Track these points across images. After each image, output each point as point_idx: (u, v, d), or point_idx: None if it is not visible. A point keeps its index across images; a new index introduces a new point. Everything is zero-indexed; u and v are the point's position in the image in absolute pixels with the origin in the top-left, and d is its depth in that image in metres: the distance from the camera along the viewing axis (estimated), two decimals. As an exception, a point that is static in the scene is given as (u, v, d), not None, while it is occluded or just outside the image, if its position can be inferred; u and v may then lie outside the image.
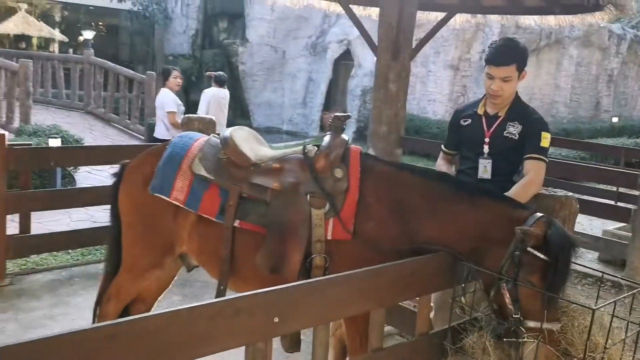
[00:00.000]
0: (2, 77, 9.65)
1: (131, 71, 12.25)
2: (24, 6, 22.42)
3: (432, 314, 2.82)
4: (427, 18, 7.05)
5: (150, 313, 1.54)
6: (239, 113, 15.57)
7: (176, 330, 1.57)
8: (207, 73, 8.01)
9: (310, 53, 14.95)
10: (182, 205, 2.57)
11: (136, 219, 2.71)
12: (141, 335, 1.50)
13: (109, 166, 8.35)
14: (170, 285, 3.08)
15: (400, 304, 2.75)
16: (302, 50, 15.09)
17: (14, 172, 4.76)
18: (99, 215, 6.50)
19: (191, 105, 10.26)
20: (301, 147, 2.65)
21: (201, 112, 7.71)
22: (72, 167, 7.74)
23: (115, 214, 2.83)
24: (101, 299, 2.87)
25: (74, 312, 3.99)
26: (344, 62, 14.69)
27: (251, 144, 2.67)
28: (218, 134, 2.85)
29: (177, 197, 2.56)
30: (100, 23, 22.11)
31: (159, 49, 18.57)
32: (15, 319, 3.81)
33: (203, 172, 2.57)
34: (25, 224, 4.66)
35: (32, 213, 4.84)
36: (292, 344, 2.37)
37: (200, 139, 2.74)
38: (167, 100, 6.90)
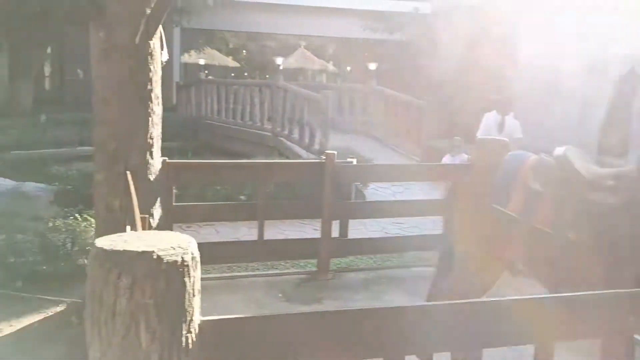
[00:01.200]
0: (306, 106, 11.39)
1: (409, 97, 13.14)
2: (303, 43, 25.87)
3: None
4: None
5: (522, 297, 1.89)
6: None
7: (539, 313, 1.89)
8: (492, 97, 8.33)
9: (588, 71, 14.10)
10: (517, 216, 2.90)
11: (472, 227, 3.13)
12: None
13: (390, 183, 9.24)
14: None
15: None
16: (579, 68, 14.32)
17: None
18: (390, 228, 7.25)
19: (462, 128, 10.60)
20: (633, 165, 2.77)
21: (484, 134, 8.04)
22: (360, 184, 8.73)
23: (448, 224, 3.31)
24: (433, 293, 3.36)
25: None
26: (628, 80, 13.50)
27: (582, 162, 2.88)
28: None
29: (513, 208, 2.91)
30: (366, 53, 24.06)
31: (422, 74, 19.44)
32: (345, 307, 4.58)
33: (537, 187, 2.87)
34: (343, 230, 5.51)
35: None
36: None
37: (532, 157, 3.05)
38: (516, 128, 7.57)
